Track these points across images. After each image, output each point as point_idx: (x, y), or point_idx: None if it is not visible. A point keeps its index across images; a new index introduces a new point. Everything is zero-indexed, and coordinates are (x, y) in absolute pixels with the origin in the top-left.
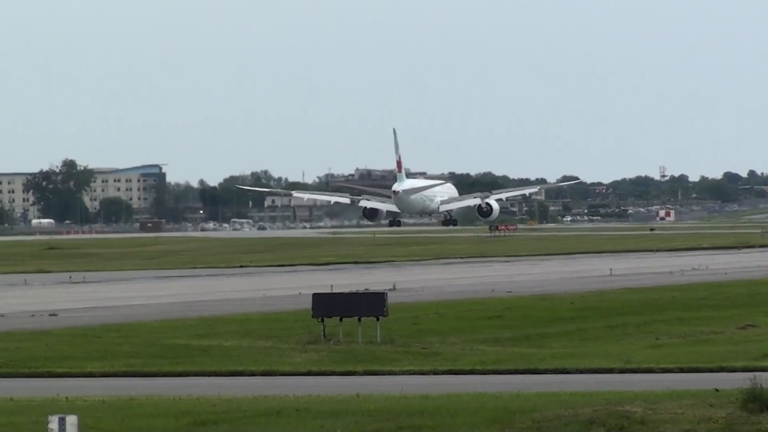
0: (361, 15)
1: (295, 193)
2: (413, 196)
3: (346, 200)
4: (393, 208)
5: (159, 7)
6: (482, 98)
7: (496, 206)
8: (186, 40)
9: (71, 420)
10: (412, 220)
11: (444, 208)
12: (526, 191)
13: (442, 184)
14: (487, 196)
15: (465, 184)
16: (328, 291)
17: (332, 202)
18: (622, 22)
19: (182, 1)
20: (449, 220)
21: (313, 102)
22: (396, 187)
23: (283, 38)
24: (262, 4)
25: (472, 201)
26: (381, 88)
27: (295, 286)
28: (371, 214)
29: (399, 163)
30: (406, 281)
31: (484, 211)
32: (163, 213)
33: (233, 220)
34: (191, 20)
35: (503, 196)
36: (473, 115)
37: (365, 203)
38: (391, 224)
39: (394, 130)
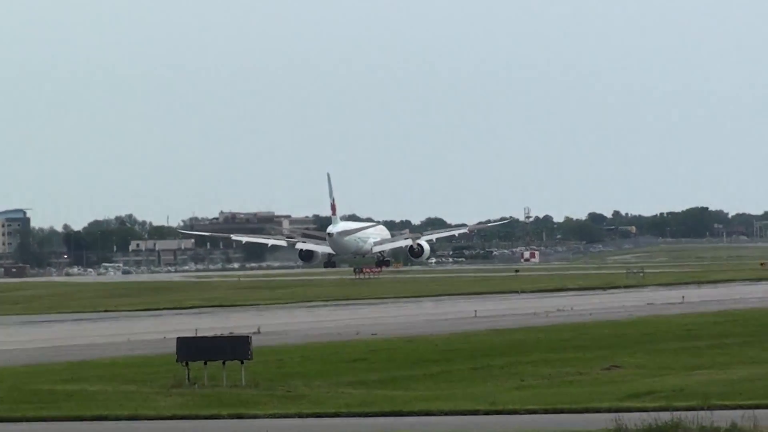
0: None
1: (233, 236)
2: (347, 238)
3: (282, 243)
4: (328, 249)
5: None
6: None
7: (426, 246)
8: (46, 82)
9: None
10: (277, 263)
11: (377, 249)
12: (455, 232)
13: (374, 225)
14: (418, 237)
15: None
16: (193, 335)
17: (269, 245)
18: (488, 62)
19: (26, 49)
20: (382, 261)
21: (175, 145)
22: (331, 229)
23: (146, 81)
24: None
25: (404, 242)
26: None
27: (160, 330)
28: (307, 255)
29: (333, 206)
30: (270, 324)
31: (415, 252)
32: (28, 258)
33: (104, 264)
34: (53, 59)
35: (434, 236)
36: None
37: (301, 245)
38: (326, 265)
39: (328, 174)
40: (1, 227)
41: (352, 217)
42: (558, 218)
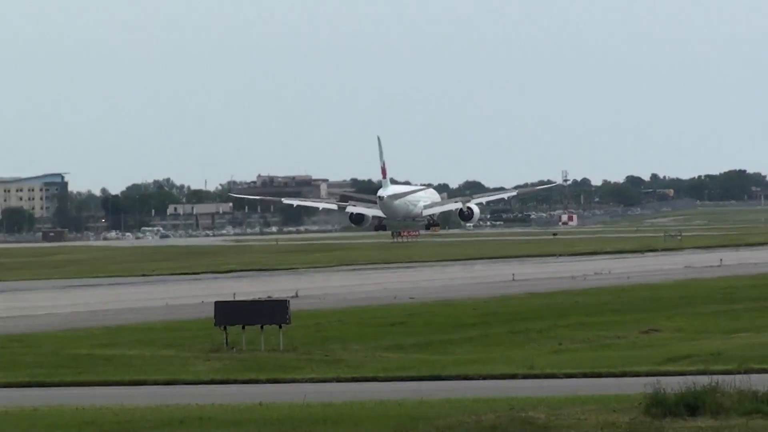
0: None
1: (284, 200)
2: (397, 202)
3: (333, 206)
4: (379, 213)
5: (53, 11)
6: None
7: (476, 210)
8: (87, 48)
9: None
10: (315, 227)
11: (427, 212)
12: (505, 195)
13: (424, 189)
14: (468, 201)
15: (368, 189)
16: (231, 299)
17: (320, 208)
18: (526, 25)
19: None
20: (432, 223)
21: (213, 109)
22: (381, 192)
23: (183, 46)
24: (159, 10)
25: (454, 205)
26: (279, 94)
27: (197, 295)
28: (358, 219)
29: (384, 170)
30: (308, 288)
31: (465, 215)
32: (66, 222)
33: (142, 228)
34: (92, 26)
35: (483, 200)
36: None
37: (351, 209)
38: (376, 229)
39: (378, 138)
40: (40, 191)
41: (391, 181)
42: (596, 181)
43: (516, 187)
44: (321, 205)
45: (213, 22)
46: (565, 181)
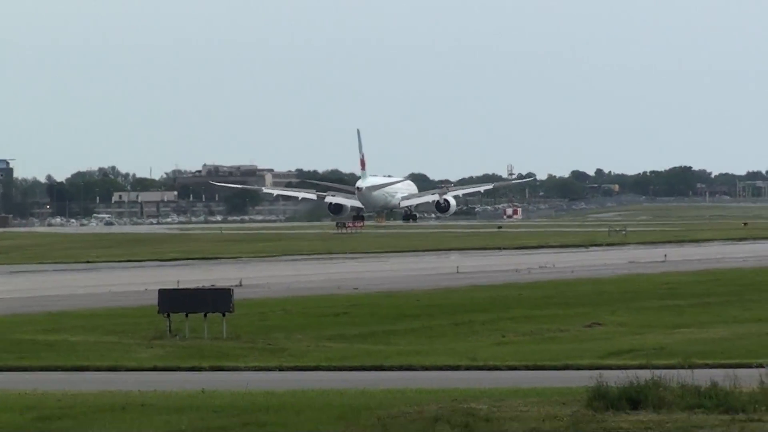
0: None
1: (264, 189)
2: (375, 193)
3: (312, 196)
4: (357, 204)
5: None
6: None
7: (453, 202)
8: (31, 33)
9: None
10: (260, 217)
11: (405, 203)
12: (481, 188)
13: (402, 181)
14: (445, 193)
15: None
16: (174, 287)
17: (300, 198)
18: (471, 18)
19: None
20: (409, 215)
21: (158, 98)
22: (360, 183)
23: (130, 34)
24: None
25: (431, 197)
26: (225, 83)
27: (141, 282)
28: (336, 209)
29: (362, 162)
30: (252, 278)
31: (442, 207)
32: (11, 208)
33: (95, 215)
34: (37, 12)
35: (460, 192)
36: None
37: (331, 199)
38: (354, 219)
39: (358, 130)
40: None
41: (334, 173)
42: (541, 176)
43: (491, 180)
44: (301, 195)
45: (160, 8)
46: (510, 174)
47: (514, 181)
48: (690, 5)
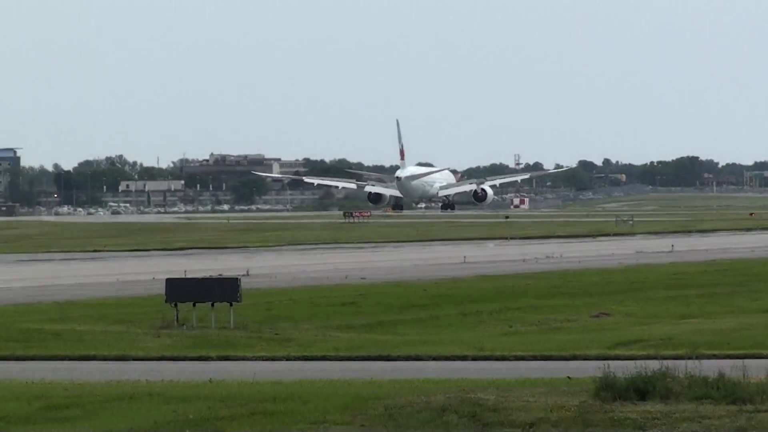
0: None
1: (305, 179)
2: (414, 182)
3: (352, 185)
4: (396, 193)
5: None
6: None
7: (490, 191)
8: (40, 22)
9: None
10: (267, 206)
11: (443, 193)
12: (518, 177)
13: (440, 171)
14: (482, 182)
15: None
16: (182, 276)
17: (340, 187)
18: (479, 7)
19: None
20: (448, 204)
21: (166, 87)
22: (399, 173)
23: (138, 22)
24: None
25: (469, 187)
26: (233, 72)
27: (148, 271)
28: (375, 198)
29: (402, 152)
30: (259, 267)
31: (479, 196)
32: (18, 197)
33: (110, 204)
34: (43, 2)
35: (497, 182)
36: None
37: (370, 188)
38: (393, 208)
39: (397, 121)
40: None
41: (341, 162)
42: (548, 165)
43: (528, 170)
44: (341, 184)
45: None
46: (518, 164)
47: (551, 171)
48: None
